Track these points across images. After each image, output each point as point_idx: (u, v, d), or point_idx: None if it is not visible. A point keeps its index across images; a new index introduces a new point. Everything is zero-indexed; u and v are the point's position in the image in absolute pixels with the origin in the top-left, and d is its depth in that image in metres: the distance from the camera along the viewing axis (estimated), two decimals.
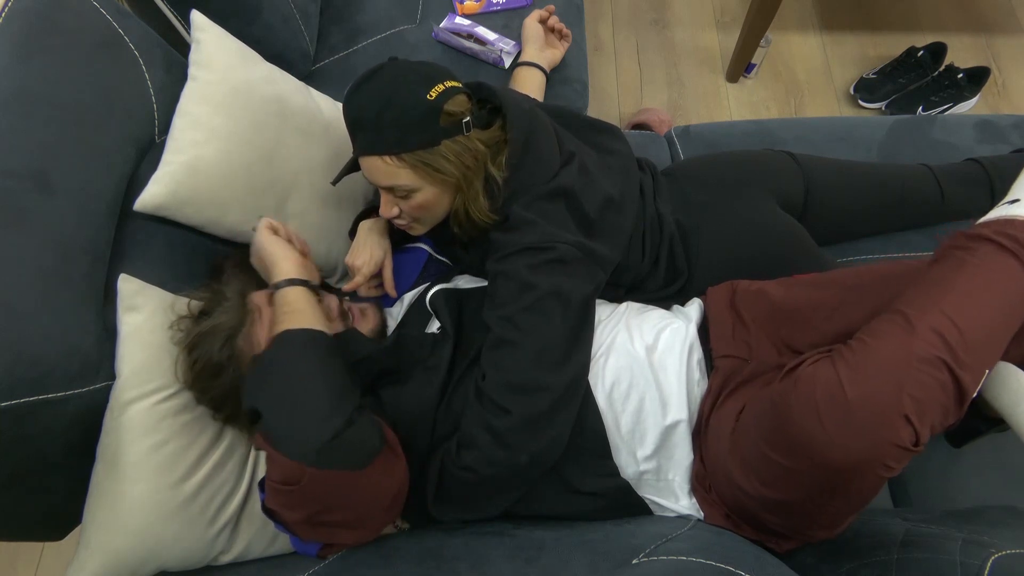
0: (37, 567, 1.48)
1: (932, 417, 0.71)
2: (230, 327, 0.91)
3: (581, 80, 1.46)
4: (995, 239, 0.79)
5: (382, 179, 0.94)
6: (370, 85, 0.91)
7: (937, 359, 0.72)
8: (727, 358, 0.96)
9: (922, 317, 0.75)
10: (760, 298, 1.00)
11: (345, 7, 1.52)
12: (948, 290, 0.78)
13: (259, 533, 0.95)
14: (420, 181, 0.93)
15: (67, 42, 0.95)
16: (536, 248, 0.91)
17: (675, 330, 0.99)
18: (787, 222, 1.14)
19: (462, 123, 0.91)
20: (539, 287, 0.89)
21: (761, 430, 0.81)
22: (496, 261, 0.93)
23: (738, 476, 0.84)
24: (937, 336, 0.73)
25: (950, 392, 0.72)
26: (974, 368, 0.73)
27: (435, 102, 0.89)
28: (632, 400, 0.93)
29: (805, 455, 0.74)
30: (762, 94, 2.13)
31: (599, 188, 1.00)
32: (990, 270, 0.79)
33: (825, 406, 0.72)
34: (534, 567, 0.80)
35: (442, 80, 0.91)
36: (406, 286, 1.12)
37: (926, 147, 1.37)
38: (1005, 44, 2.21)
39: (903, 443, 0.70)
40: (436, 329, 0.99)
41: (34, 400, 0.76)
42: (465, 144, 0.92)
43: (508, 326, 0.89)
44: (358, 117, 0.92)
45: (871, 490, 0.77)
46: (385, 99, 0.89)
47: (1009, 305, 0.78)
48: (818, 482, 0.76)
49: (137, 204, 0.95)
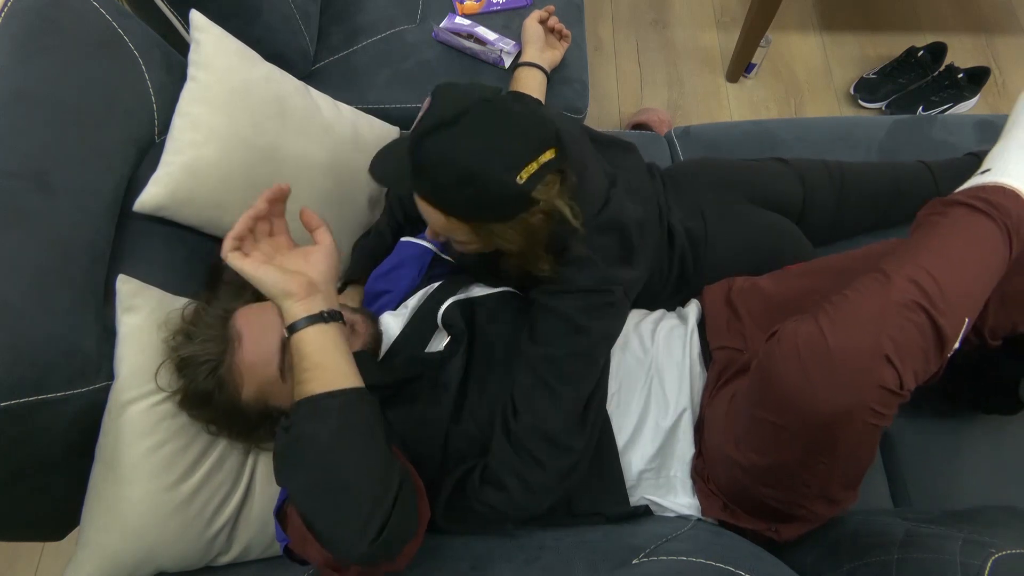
0: (37, 567, 1.48)
1: (913, 360, 0.73)
2: (212, 356, 0.85)
3: (581, 80, 1.46)
4: (967, 202, 0.84)
5: (435, 227, 0.85)
6: (451, 135, 0.75)
7: (913, 303, 0.74)
8: (723, 349, 0.97)
9: (898, 270, 0.78)
10: (754, 292, 1.02)
11: (345, 7, 1.52)
12: (923, 247, 0.82)
13: (258, 534, 0.95)
14: (479, 240, 0.85)
15: (67, 42, 0.95)
16: (593, 291, 0.86)
17: (674, 328, 1.01)
18: (786, 227, 1.15)
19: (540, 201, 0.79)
20: (592, 333, 0.86)
21: (751, 394, 0.83)
22: (548, 295, 0.87)
23: (732, 450, 0.85)
24: (913, 284, 0.75)
25: (929, 336, 0.74)
26: (952, 315, 0.75)
27: (524, 188, 0.75)
28: (636, 401, 0.93)
29: (792, 409, 0.75)
30: (762, 94, 2.13)
31: (635, 214, 0.96)
32: (963, 227, 0.83)
33: (808, 356, 0.74)
34: (534, 567, 0.80)
35: (537, 156, 0.76)
36: (409, 286, 1.10)
37: (926, 147, 1.37)
38: (1005, 44, 2.21)
39: (886, 384, 0.72)
40: (444, 345, 0.95)
41: (34, 400, 0.76)
42: (539, 212, 0.79)
43: (552, 369, 0.85)
44: (428, 168, 0.78)
45: (862, 446, 0.78)
46: (466, 172, 0.75)
47: (982, 256, 0.81)
48: (807, 437, 0.77)
49: (136, 205, 0.95)
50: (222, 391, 0.85)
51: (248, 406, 0.88)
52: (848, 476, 0.83)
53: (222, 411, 0.87)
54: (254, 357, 0.86)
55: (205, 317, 0.89)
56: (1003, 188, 0.85)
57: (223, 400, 0.86)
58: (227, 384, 0.85)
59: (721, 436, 0.88)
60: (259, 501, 0.95)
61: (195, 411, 0.88)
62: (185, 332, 0.88)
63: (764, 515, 0.89)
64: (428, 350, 0.97)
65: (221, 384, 0.85)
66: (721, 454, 0.88)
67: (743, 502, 0.89)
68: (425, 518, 0.79)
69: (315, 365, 0.77)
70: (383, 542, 0.70)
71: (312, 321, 0.79)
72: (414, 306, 1.03)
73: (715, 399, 0.92)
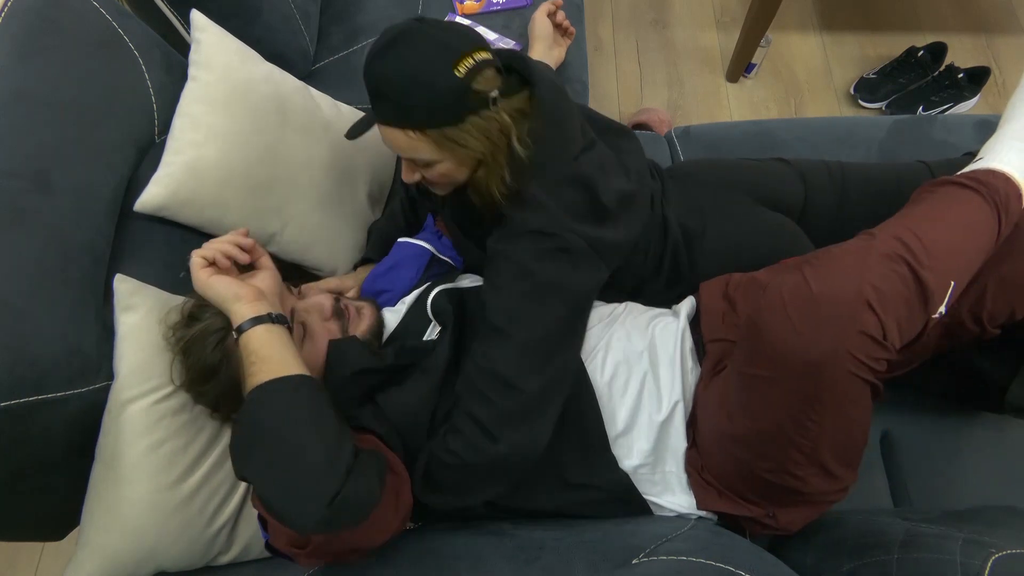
0: (37, 567, 1.48)
1: (896, 309, 0.75)
2: (220, 328, 0.88)
3: (581, 80, 1.46)
4: (956, 180, 0.87)
5: (402, 150, 0.91)
6: (394, 53, 0.85)
7: (896, 255, 0.77)
8: (717, 342, 0.98)
9: (884, 229, 0.81)
10: (751, 286, 1.02)
11: (345, 7, 1.52)
12: (910, 214, 0.86)
13: (258, 534, 0.95)
14: (442, 154, 0.90)
15: (67, 42, 0.95)
16: (542, 233, 0.88)
17: (668, 323, 1.01)
18: (788, 227, 1.15)
19: (489, 98, 0.87)
20: (537, 275, 0.88)
21: (740, 355, 0.85)
22: (499, 240, 0.91)
23: (725, 424, 0.86)
24: (896, 240, 0.78)
25: (911, 286, 0.76)
26: (935, 271, 0.77)
27: (463, 79, 0.83)
28: (630, 393, 0.94)
29: (778, 357, 0.77)
30: (762, 94, 2.13)
31: (617, 182, 0.98)
32: (951, 199, 0.87)
33: (792, 303, 0.76)
34: (534, 567, 0.80)
35: (471, 51, 0.85)
36: (407, 286, 1.11)
37: (926, 147, 1.37)
38: (1005, 44, 2.21)
39: (868, 330, 0.73)
40: (435, 335, 0.98)
41: (34, 400, 0.76)
42: (491, 117, 0.87)
43: (502, 313, 0.88)
44: (379, 87, 0.87)
45: (849, 403, 0.78)
46: (410, 74, 0.84)
47: (969, 225, 0.84)
48: (794, 388, 0.78)
49: (137, 205, 0.95)
50: (228, 363, 0.87)
51: None
52: (840, 444, 0.82)
53: (228, 386, 0.88)
54: None
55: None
56: (993, 171, 0.88)
57: (229, 374, 0.87)
58: (234, 355, 0.87)
59: (715, 415, 0.89)
60: None
61: (201, 388, 0.89)
62: (190, 314, 0.90)
63: (760, 496, 0.89)
64: (424, 340, 0.99)
65: (228, 355, 0.87)
66: (715, 433, 0.89)
67: (737, 484, 0.89)
68: (406, 503, 0.81)
69: (261, 359, 0.80)
70: (338, 507, 0.70)
71: (259, 321, 0.83)
72: (411, 301, 1.06)
73: (709, 388, 0.93)
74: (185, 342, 0.88)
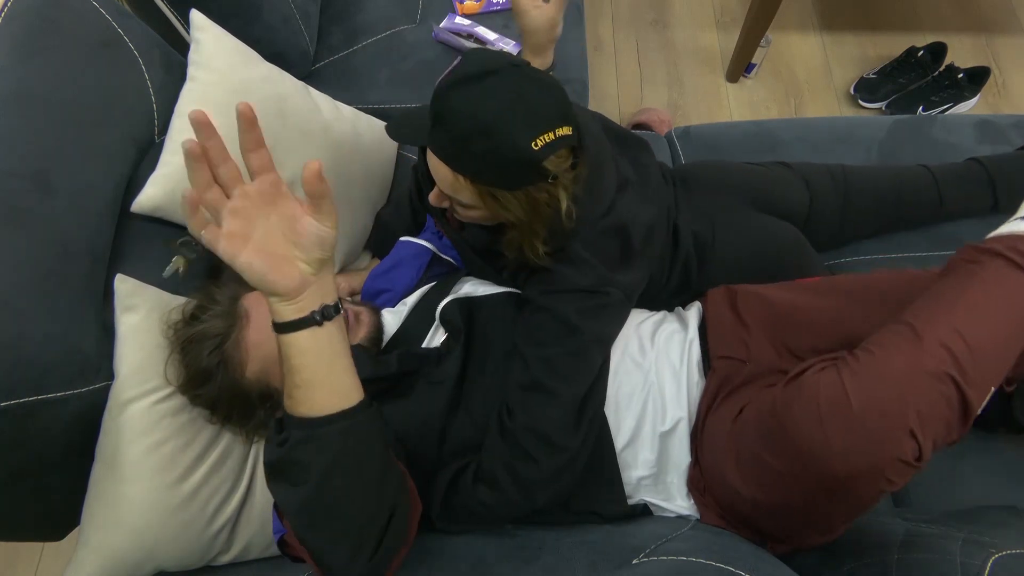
0: (37, 567, 1.48)
1: (936, 432, 0.71)
2: (219, 332, 0.87)
3: (581, 80, 1.46)
4: (1006, 254, 0.78)
5: (442, 183, 0.84)
6: (479, 90, 0.76)
7: (945, 374, 0.71)
8: (725, 359, 0.96)
9: (930, 330, 0.74)
10: (761, 301, 1.00)
11: (345, 7, 1.52)
12: (957, 304, 0.77)
13: (258, 533, 0.95)
14: (483, 204, 0.83)
15: (67, 42, 0.95)
16: (589, 292, 0.87)
17: (674, 333, 1.00)
18: (793, 234, 1.15)
19: (551, 174, 0.79)
20: (585, 333, 0.86)
21: (760, 434, 0.81)
22: (543, 294, 0.88)
23: (733, 478, 0.84)
24: (945, 351, 0.71)
25: (955, 408, 0.71)
26: (980, 385, 0.72)
27: (536, 155, 0.75)
28: (634, 406, 0.93)
29: (804, 462, 0.73)
30: (762, 94, 2.13)
31: (645, 213, 0.97)
32: (1000, 285, 0.78)
33: (828, 414, 0.71)
34: (534, 567, 0.80)
35: (555, 126, 0.76)
36: (408, 286, 1.11)
37: (926, 147, 1.37)
38: (1005, 44, 2.21)
39: (906, 457, 0.69)
40: (440, 342, 0.96)
41: (34, 400, 0.76)
42: (545, 189, 0.80)
43: (546, 369, 0.86)
44: (446, 117, 0.78)
45: (869, 499, 0.76)
46: (485, 123, 0.75)
47: (1018, 321, 0.77)
48: (815, 489, 0.75)
49: (134, 206, 0.95)
50: (225, 368, 0.86)
51: (250, 385, 0.89)
52: (851, 517, 0.82)
53: (224, 390, 0.87)
54: (260, 336, 0.88)
55: (215, 295, 0.91)
56: None
57: (226, 378, 0.87)
58: (231, 360, 0.86)
59: (722, 457, 0.86)
60: (260, 500, 0.95)
61: (197, 391, 0.88)
62: (191, 315, 0.90)
63: (759, 534, 0.89)
64: (424, 346, 0.98)
65: (226, 360, 0.86)
66: (721, 477, 0.86)
67: (739, 522, 0.89)
68: (415, 523, 0.79)
69: (306, 383, 0.68)
70: (375, 564, 0.70)
71: (302, 325, 0.67)
72: (412, 303, 1.04)
73: (716, 413, 0.91)
74: (183, 342, 0.88)
